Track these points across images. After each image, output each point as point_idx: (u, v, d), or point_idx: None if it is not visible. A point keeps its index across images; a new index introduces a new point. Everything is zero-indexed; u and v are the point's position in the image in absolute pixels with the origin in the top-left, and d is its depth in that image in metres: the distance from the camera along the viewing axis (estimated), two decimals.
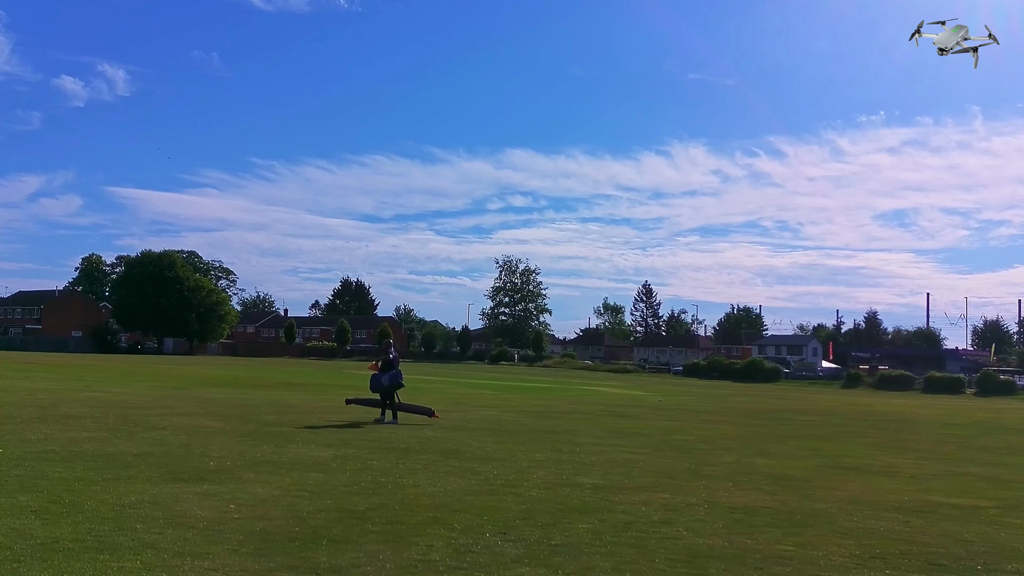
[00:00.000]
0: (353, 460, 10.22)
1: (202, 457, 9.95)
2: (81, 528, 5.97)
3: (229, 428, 13.53)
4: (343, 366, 63.68)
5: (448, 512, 7.07)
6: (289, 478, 8.63)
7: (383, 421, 15.54)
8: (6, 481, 7.82)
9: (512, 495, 8.06)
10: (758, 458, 12.50)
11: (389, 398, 15.95)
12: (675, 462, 11.47)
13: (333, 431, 13.80)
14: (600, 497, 8.13)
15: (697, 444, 14.48)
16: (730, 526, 6.95)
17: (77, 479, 8.12)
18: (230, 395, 22.90)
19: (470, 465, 10.16)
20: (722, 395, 39.82)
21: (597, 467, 10.53)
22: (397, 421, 15.62)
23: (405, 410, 16.23)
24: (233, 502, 7.18)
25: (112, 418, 14.33)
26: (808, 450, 14.25)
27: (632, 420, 20.09)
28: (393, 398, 15.95)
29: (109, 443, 10.94)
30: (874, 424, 22.50)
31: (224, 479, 8.42)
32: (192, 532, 5.97)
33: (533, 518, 6.94)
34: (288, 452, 10.77)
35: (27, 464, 8.91)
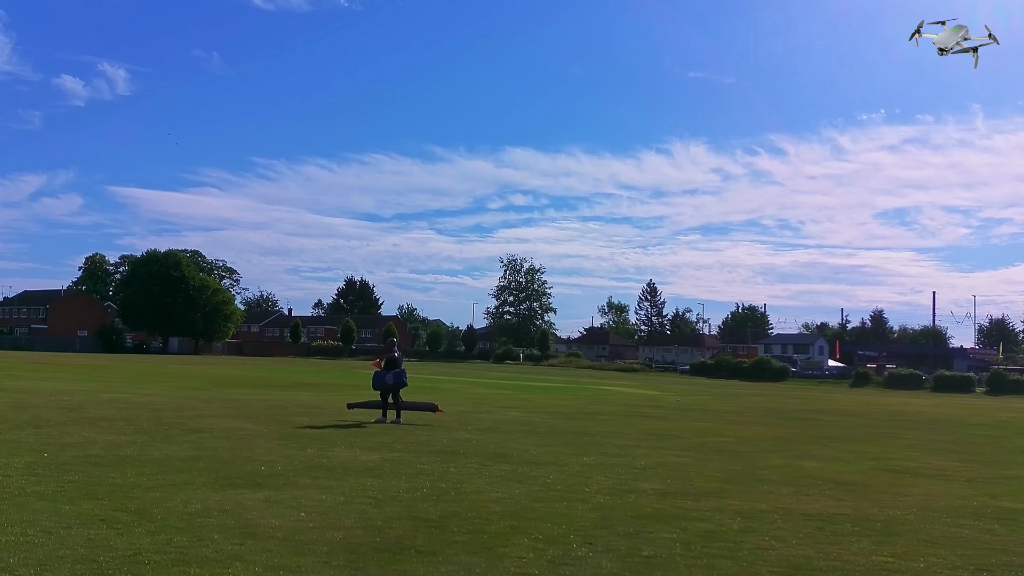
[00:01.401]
0: (404, 464, 10.03)
1: (250, 461, 9.77)
2: (158, 538, 5.79)
3: (266, 431, 13.35)
4: (351, 365, 63.54)
5: (524, 520, 6.88)
6: (347, 484, 8.44)
7: (384, 421, 15.39)
8: (64, 487, 7.64)
9: (579, 502, 7.87)
10: (804, 461, 12.29)
11: (392, 397, 15.85)
12: (724, 465, 11.28)
13: (369, 433, 13.61)
14: (669, 504, 7.93)
15: (736, 446, 14.28)
16: (814, 535, 6.75)
17: (133, 485, 7.94)
18: (252, 396, 22.73)
19: (522, 469, 9.97)
20: (737, 395, 39.61)
21: (650, 471, 10.33)
22: (400, 421, 15.48)
23: (409, 408, 16.10)
24: (301, 510, 6.99)
25: (145, 420, 14.16)
26: (851, 452, 14.05)
27: (660, 421, 19.89)
28: (396, 397, 15.86)
29: (152, 447, 10.76)
30: (901, 425, 22.28)
31: (282, 485, 8.23)
32: (273, 543, 5.79)
33: (612, 527, 6.75)
34: (335, 456, 10.59)
35: (77, 469, 8.74)
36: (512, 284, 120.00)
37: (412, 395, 23.75)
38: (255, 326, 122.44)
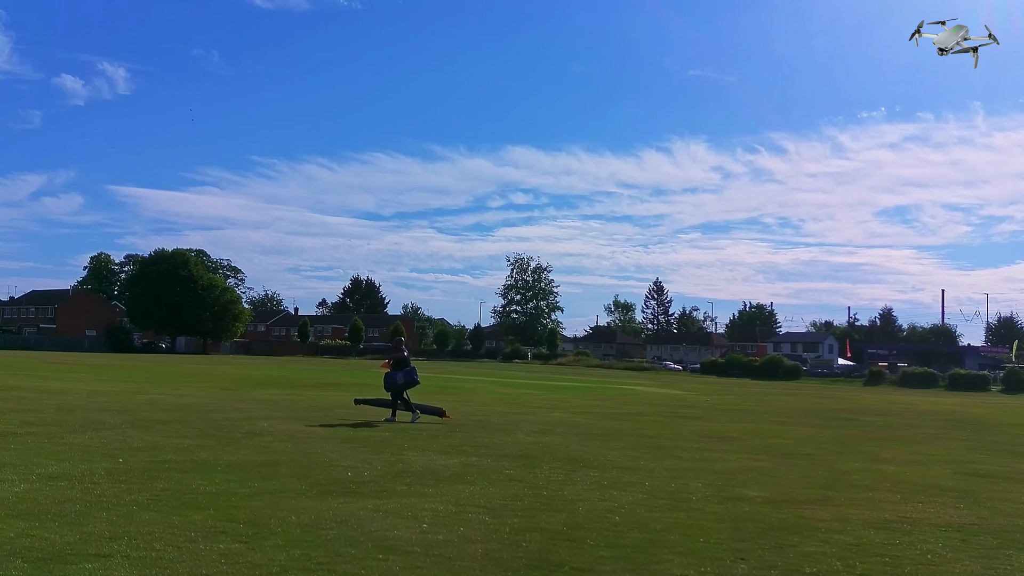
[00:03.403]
0: (488, 470, 9.72)
1: (330, 467, 9.47)
2: (294, 553, 5.48)
3: (325, 434, 13.05)
4: (364, 364, 63.23)
5: (654, 532, 6.58)
6: (444, 491, 8.13)
7: (393, 421, 15.20)
8: (159, 496, 7.34)
9: (695, 511, 7.56)
10: (882, 465, 11.98)
11: (400, 397, 15.67)
12: (807, 470, 10.96)
13: (432, 436, 13.28)
14: (789, 513, 7.62)
15: (800, 449, 13.97)
16: (961, 547, 6.44)
17: (229, 493, 7.64)
18: (287, 397, 22.44)
19: (611, 475, 9.66)
20: (760, 394, 39.29)
21: (739, 477, 10.02)
22: (418, 416, 15.44)
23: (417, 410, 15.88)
24: (419, 520, 6.68)
25: (198, 423, 13.85)
26: (918, 455, 13.74)
27: (705, 422, 19.59)
28: (405, 397, 15.70)
29: (222, 451, 10.45)
30: (945, 425, 21.96)
31: (379, 492, 7.93)
32: (417, 558, 5.48)
33: (749, 539, 6.43)
34: (413, 460, 10.28)
35: (161, 475, 8.44)
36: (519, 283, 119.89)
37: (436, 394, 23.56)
38: (261, 325, 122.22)
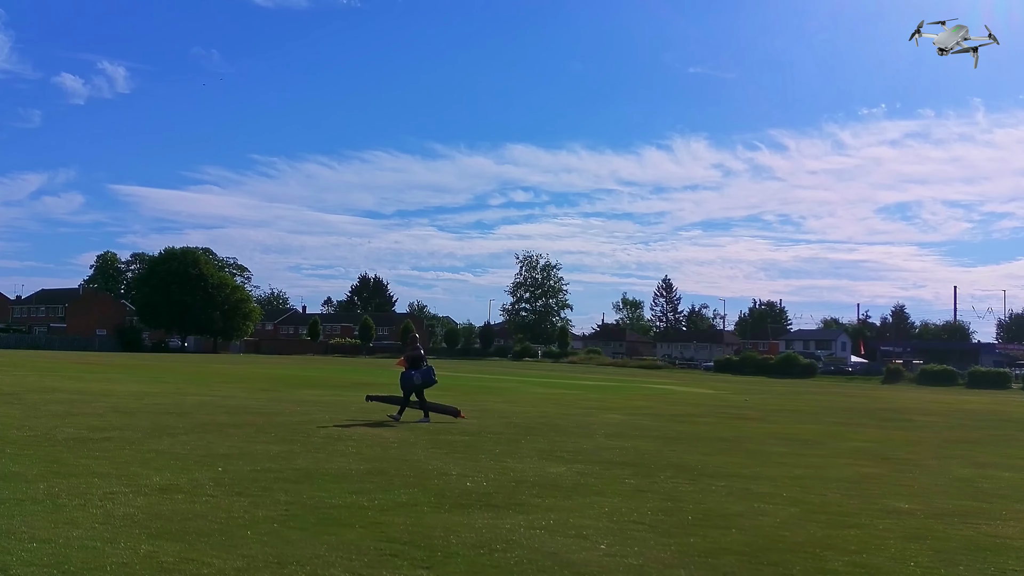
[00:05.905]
0: (607, 479, 9.20)
1: (443, 476, 8.98)
2: None
3: (405, 436, 12.55)
4: (381, 363, 62.70)
5: (845, 553, 6.07)
6: (582, 504, 7.63)
7: (397, 419, 14.82)
8: (291, 511, 6.83)
9: (868, 527, 7.03)
10: (993, 471, 11.48)
11: (416, 396, 15.28)
12: (929, 478, 10.45)
13: (507, 438, 12.76)
14: (968, 529, 7.12)
15: (893, 452, 13.43)
16: None
17: (358, 506, 7.16)
18: (332, 397, 21.94)
19: (740, 485, 9.12)
20: (790, 392, 38.72)
21: (864, 486, 9.52)
22: (429, 419, 15.00)
23: (432, 409, 15.47)
24: (583, 538, 6.18)
25: (268, 427, 13.34)
26: (1008, 458, 13.26)
27: (765, 424, 19.07)
28: (421, 396, 15.32)
29: (316, 458, 9.95)
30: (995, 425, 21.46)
31: (516, 506, 7.42)
32: None
33: (953, 563, 5.94)
34: (517, 468, 9.76)
35: (273, 486, 7.95)
36: (528, 280, 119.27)
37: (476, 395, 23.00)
38: (269, 324, 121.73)
